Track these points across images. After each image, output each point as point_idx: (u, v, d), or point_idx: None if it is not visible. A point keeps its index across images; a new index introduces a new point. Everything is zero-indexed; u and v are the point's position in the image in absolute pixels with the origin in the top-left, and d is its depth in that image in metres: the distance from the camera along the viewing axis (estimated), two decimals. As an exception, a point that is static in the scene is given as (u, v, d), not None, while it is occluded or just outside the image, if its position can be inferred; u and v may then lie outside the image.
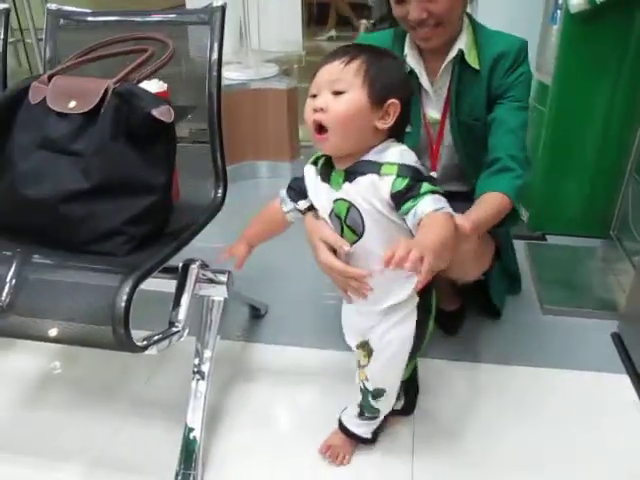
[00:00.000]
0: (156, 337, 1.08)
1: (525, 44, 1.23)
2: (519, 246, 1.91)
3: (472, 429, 1.24)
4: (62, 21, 1.35)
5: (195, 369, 1.21)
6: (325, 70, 0.86)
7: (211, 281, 1.22)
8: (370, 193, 0.87)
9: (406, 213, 0.84)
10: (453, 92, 1.23)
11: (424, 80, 1.25)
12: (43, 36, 1.33)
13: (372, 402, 1.09)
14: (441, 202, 0.83)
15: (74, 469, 1.17)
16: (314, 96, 0.87)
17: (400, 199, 0.84)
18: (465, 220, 0.87)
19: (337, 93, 0.84)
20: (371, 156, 0.88)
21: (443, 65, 1.23)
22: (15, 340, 1.45)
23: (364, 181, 0.87)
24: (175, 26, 1.32)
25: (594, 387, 1.36)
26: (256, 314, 1.62)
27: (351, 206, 0.89)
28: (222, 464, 1.17)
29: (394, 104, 0.86)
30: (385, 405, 1.11)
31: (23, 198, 1.07)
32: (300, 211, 1.02)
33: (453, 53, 1.21)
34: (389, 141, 0.89)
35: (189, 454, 1.14)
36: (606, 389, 1.36)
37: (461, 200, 1.05)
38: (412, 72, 1.24)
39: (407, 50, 1.25)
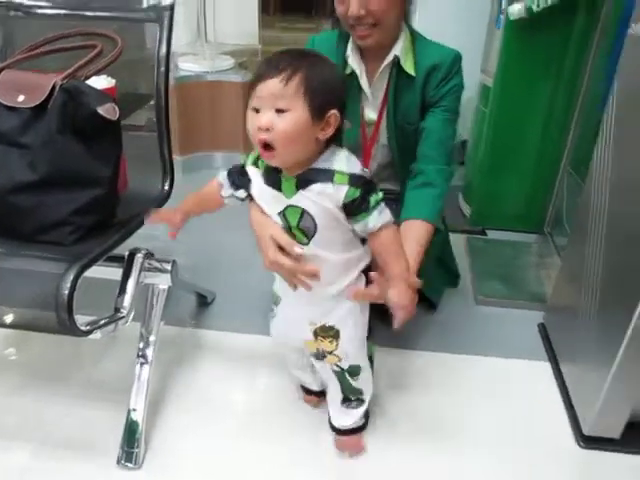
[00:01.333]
0: (101, 322, 1.13)
1: (459, 56, 1.30)
2: (460, 240, 2.03)
3: (400, 405, 1.34)
4: (12, 13, 1.37)
5: (139, 353, 1.27)
6: (266, 86, 0.87)
7: (156, 269, 1.28)
8: (325, 200, 0.92)
9: (357, 222, 0.94)
10: (390, 95, 1.31)
11: (364, 81, 1.32)
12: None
13: (352, 382, 1.15)
14: (385, 214, 0.94)
15: (23, 447, 1.22)
16: (256, 110, 0.89)
17: (351, 208, 0.92)
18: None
19: (280, 111, 0.87)
20: (320, 164, 0.93)
21: (380, 68, 1.30)
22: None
23: (318, 188, 0.92)
24: (123, 21, 1.36)
25: (517, 372, 1.47)
26: (203, 302, 1.68)
27: (304, 212, 0.95)
28: (164, 443, 1.24)
29: (334, 115, 0.90)
30: (365, 384, 1.18)
31: (-29, 189, 1.11)
32: (238, 198, 1.06)
33: (390, 57, 1.28)
34: (332, 147, 0.95)
35: (132, 434, 1.20)
36: (527, 374, 1.47)
37: (392, 200, 1.14)
38: (353, 73, 1.31)
39: (349, 52, 1.31)
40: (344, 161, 0.93)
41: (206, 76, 2.34)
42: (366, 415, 1.24)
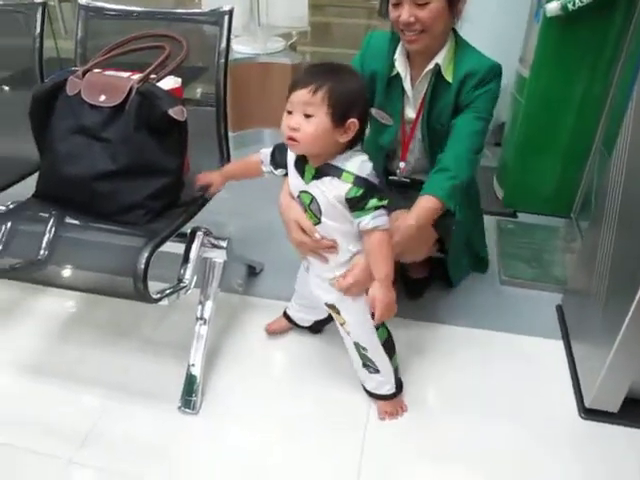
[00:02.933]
0: (168, 291, 1.34)
1: (497, 67, 1.38)
2: (491, 221, 2.15)
3: (421, 373, 1.52)
4: (91, 14, 1.55)
5: (198, 316, 1.48)
6: (298, 94, 1.06)
7: (213, 246, 1.47)
8: (331, 191, 1.12)
9: (355, 217, 1.13)
10: (427, 98, 1.44)
11: (407, 84, 1.45)
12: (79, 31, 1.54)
13: (364, 352, 1.33)
14: (380, 219, 1.11)
15: (95, 392, 1.46)
16: (290, 112, 1.09)
17: (352, 204, 1.11)
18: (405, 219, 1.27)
19: (307, 116, 1.06)
20: (337, 162, 1.11)
21: (422, 74, 1.42)
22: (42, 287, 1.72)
23: (327, 180, 1.12)
24: (190, 24, 1.52)
25: (532, 348, 1.62)
26: (252, 272, 1.88)
27: (313, 199, 1.15)
28: (218, 393, 1.45)
29: (353, 123, 1.08)
30: (378, 359, 1.34)
31: (62, 175, 1.32)
32: (275, 174, 1.28)
33: (431, 65, 1.39)
34: (354, 149, 1.13)
35: (191, 385, 1.42)
36: (541, 351, 1.61)
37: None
38: (398, 75, 1.45)
39: (397, 55, 1.44)
40: (356, 164, 1.11)
41: (258, 58, 2.49)
42: (397, 386, 1.40)
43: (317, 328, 1.61)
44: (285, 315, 1.61)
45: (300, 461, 1.30)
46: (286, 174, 1.24)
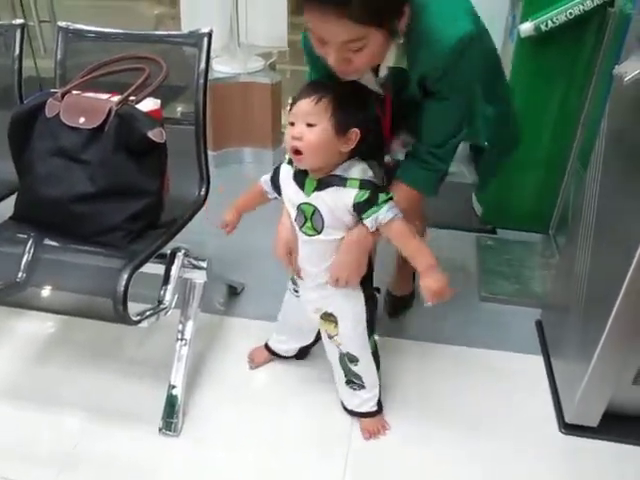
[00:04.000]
0: (148, 313, 1.33)
1: (458, 45, 1.07)
2: (470, 238, 2.18)
3: (402, 391, 1.52)
4: (70, 36, 1.56)
5: (179, 337, 1.47)
6: (301, 104, 1.08)
7: (194, 267, 1.47)
8: (334, 201, 1.13)
9: (368, 217, 1.12)
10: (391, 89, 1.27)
11: (371, 85, 1.25)
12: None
13: (350, 366, 1.33)
14: (395, 209, 1.12)
15: (77, 414, 1.44)
16: (292, 124, 1.10)
17: (361, 207, 1.12)
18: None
19: (310, 125, 1.07)
20: (338, 171, 1.13)
21: (376, 79, 1.23)
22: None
23: (332, 190, 1.13)
24: (170, 45, 1.53)
25: (512, 365, 1.63)
26: (233, 292, 1.88)
27: (316, 210, 1.15)
28: (199, 414, 1.44)
29: (355, 132, 1.09)
30: (365, 371, 1.34)
31: (40, 197, 1.31)
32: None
33: (382, 73, 1.21)
34: (353, 159, 1.14)
35: (171, 407, 1.41)
36: (522, 366, 1.63)
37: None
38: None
39: None
40: (359, 171, 1.13)
41: (238, 77, 2.51)
42: (378, 403, 1.40)
43: (302, 355, 1.59)
44: (267, 347, 1.59)
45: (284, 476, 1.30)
46: None
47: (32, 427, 1.41)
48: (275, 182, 1.26)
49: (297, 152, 1.09)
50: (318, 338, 1.47)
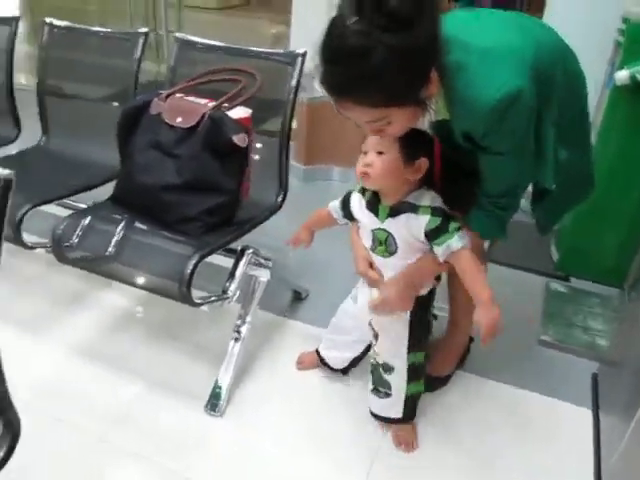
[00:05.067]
0: (212, 298, 1.47)
1: (500, 104, 1.03)
2: (540, 282, 2.14)
3: (441, 420, 1.54)
4: (184, 46, 1.75)
5: (235, 329, 1.59)
6: (374, 136, 1.15)
7: (260, 265, 1.59)
8: (407, 228, 1.21)
9: (439, 245, 1.19)
10: None
11: None
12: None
13: (383, 374, 1.38)
14: (464, 238, 1.18)
15: (135, 382, 1.60)
16: (365, 153, 1.18)
17: (433, 234, 1.19)
18: None
19: (380, 153, 1.16)
20: (410, 199, 1.21)
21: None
22: (113, 281, 1.89)
23: (404, 217, 1.20)
24: (267, 61, 1.68)
25: (560, 413, 1.60)
26: (298, 297, 1.98)
27: (389, 235, 1.24)
28: (244, 401, 1.55)
29: (424, 162, 1.17)
30: (396, 381, 1.38)
31: (136, 183, 1.49)
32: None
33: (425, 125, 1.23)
34: (423, 189, 1.21)
35: (218, 394, 1.53)
36: (569, 417, 1.59)
37: None
38: None
39: None
40: (429, 199, 1.20)
41: (336, 98, 2.63)
42: (406, 412, 1.43)
43: (347, 370, 1.63)
44: (317, 353, 1.65)
45: (308, 472, 1.38)
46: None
47: (97, 384, 1.58)
48: (345, 208, 1.35)
49: (365, 174, 1.18)
50: (366, 352, 1.54)
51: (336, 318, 1.57)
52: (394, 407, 1.43)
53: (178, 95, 1.54)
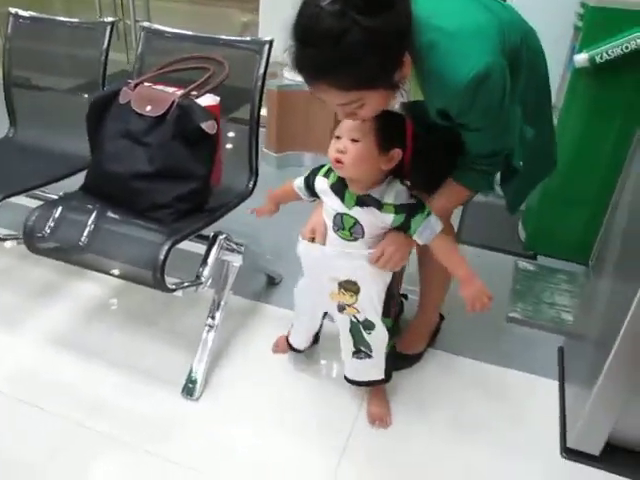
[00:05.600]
0: (185, 284, 1.48)
1: (472, 82, 1.03)
2: (509, 261, 2.20)
3: (411, 396, 1.59)
4: (150, 35, 1.75)
5: (210, 314, 1.62)
6: (347, 121, 1.14)
7: (232, 250, 1.61)
8: (375, 219, 1.23)
9: (417, 236, 1.24)
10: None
11: None
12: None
13: (365, 334, 1.38)
14: (427, 231, 1.22)
15: (111, 369, 1.61)
16: (338, 137, 1.16)
17: (400, 229, 1.24)
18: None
19: (354, 140, 1.14)
20: (375, 194, 1.21)
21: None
22: (86, 271, 1.90)
23: (370, 211, 1.22)
24: (235, 49, 1.69)
25: (527, 385, 1.66)
26: (271, 282, 2.01)
27: (356, 222, 1.25)
28: (219, 384, 1.58)
29: (397, 152, 1.18)
30: (376, 340, 1.39)
31: (106, 171, 1.50)
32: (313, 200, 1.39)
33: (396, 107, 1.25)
34: (391, 180, 1.22)
35: (194, 375, 1.56)
36: (536, 388, 1.65)
37: None
38: None
39: None
40: (393, 196, 1.22)
41: (304, 86, 2.64)
42: (387, 373, 1.46)
43: (314, 340, 1.66)
44: (287, 340, 1.67)
45: (284, 453, 1.41)
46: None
47: (73, 373, 1.59)
48: (309, 189, 1.36)
49: (338, 161, 1.17)
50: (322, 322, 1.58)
51: (296, 300, 1.56)
52: (375, 368, 1.44)
53: (147, 84, 1.54)
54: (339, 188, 1.26)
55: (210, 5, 4.12)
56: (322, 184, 1.31)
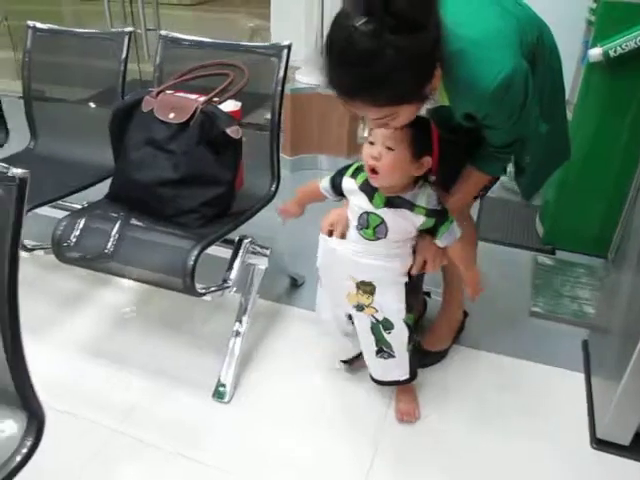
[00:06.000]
0: (213, 288, 1.50)
1: (499, 88, 1.08)
2: (528, 256, 2.21)
3: (440, 391, 1.60)
4: (169, 43, 1.78)
5: (237, 318, 1.63)
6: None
7: (257, 253, 1.63)
8: (402, 220, 1.26)
9: (438, 239, 1.29)
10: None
11: None
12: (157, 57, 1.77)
13: (385, 334, 1.38)
14: (449, 238, 1.28)
15: (141, 375, 1.63)
16: (372, 143, 1.18)
17: (427, 232, 1.28)
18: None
19: (389, 148, 1.16)
20: (408, 197, 1.25)
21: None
22: (112, 278, 1.93)
23: (399, 212, 1.24)
24: (254, 55, 1.71)
25: (554, 379, 1.67)
26: (294, 283, 2.03)
27: (382, 222, 1.26)
28: (250, 386, 1.60)
29: (428, 160, 1.21)
30: (396, 340, 1.39)
31: (132, 180, 1.52)
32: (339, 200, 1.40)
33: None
34: (422, 185, 1.26)
35: (224, 380, 1.58)
36: (563, 381, 1.66)
37: None
38: None
39: None
40: (425, 199, 1.25)
41: (318, 89, 2.67)
42: (412, 372, 1.46)
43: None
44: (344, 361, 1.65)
45: (317, 451, 1.43)
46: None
47: (104, 380, 1.61)
48: (335, 189, 1.37)
49: (374, 171, 1.19)
50: None
51: (321, 315, 1.53)
52: (399, 368, 1.45)
53: (168, 92, 1.56)
54: (368, 189, 1.28)
55: (216, 11, 4.16)
56: (350, 184, 1.32)
